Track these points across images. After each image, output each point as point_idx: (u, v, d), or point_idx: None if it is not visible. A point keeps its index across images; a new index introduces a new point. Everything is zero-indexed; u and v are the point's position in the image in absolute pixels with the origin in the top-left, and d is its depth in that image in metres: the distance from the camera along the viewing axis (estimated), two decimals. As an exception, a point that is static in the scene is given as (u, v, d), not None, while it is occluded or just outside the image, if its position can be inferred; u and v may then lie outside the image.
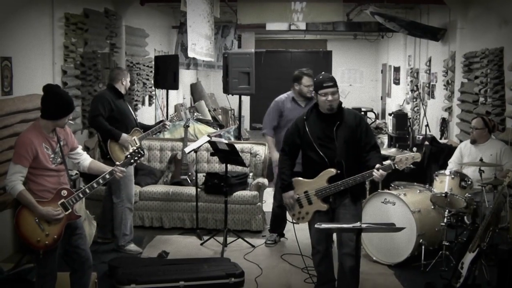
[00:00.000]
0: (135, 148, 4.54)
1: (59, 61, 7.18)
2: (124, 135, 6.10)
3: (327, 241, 4.84)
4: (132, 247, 6.31)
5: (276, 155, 6.05)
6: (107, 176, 4.37)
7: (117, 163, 4.51)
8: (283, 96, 6.64)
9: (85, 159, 4.54)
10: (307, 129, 4.70)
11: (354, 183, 4.53)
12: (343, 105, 4.79)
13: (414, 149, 6.05)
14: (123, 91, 6.30)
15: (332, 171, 4.59)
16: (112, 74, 6.39)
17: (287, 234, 6.78)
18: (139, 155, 4.54)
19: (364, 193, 5.34)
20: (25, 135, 4.14)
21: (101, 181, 4.34)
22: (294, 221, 4.92)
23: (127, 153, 4.55)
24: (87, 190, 4.27)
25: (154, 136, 7.02)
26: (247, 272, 5.54)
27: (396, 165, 4.44)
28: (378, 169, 4.40)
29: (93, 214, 6.29)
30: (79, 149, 4.54)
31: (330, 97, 4.60)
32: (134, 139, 6.19)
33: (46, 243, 4.11)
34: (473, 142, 6.46)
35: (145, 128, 6.53)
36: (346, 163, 4.58)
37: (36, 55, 6.62)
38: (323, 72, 4.81)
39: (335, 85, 4.64)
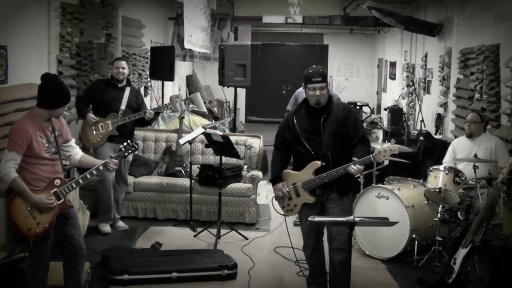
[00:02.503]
0: (129, 141, 4.56)
1: (55, 51, 7.14)
2: (89, 114, 6.54)
3: (317, 235, 4.84)
4: (102, 226, 6.63)
5: None
6: (101, 168, 4.37)
7: (111, 155, 4.52)
8: (301, 88, 7.05)
9: (77, 153, 4.53)
10: (295, 122, 4.70)
11: (337, 175, 4.51)
12: (335, 99, 4.77)
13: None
14: (112, 80, 6.69)
15: (318, 163, 4.59)
16: None
17: (281, 227, 6.80)
18: (133, 148, 4.57)
19: (355, 187, 5.34)
20: (21, 123, 4.13)
21: (94, 172, 4.34)
22: (284, 214, 4.92)
23: (121, 146, 4.57)
24: (81, 181, 4.27)
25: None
26: (240, 264, 5.56)
27: (375, 157, 4.44)
28: (355, 163, 4.40)
29: (87, 204, 6.29)
30: (72, 142, 4.53)
31: (318, 92, 4.57)
32: (107, 123, 6.52)
33: (37, 232, 4.10)
34: (470, 136, 6.44)
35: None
36: (332, 155, 4.56)
37: (31, 44, 6.59)
38: (313, 66, 4.76)
39: (323, 80, 4.59)
